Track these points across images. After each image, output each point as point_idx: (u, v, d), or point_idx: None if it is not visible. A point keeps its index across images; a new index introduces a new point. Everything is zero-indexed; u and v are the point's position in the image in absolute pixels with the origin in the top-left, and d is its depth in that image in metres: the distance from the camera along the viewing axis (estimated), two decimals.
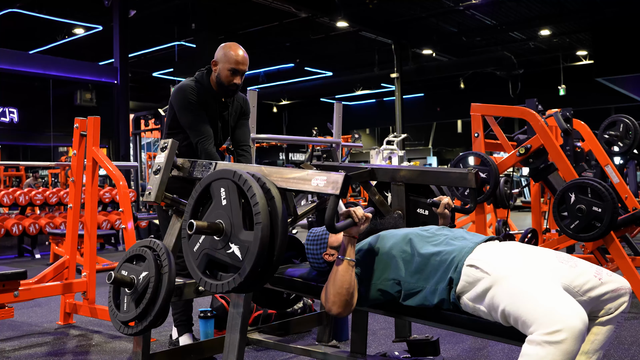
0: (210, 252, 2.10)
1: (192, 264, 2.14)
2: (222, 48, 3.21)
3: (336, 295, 2.10)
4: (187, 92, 3.18)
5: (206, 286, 2.09)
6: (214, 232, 2.06)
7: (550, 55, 20.46)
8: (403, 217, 2.68)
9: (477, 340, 3.60)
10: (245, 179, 2.05)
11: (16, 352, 3.63)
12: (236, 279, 1.99)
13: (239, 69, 3.17)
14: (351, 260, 2.12)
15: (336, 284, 2.10)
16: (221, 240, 2.06)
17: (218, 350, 2.95)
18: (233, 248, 2.02)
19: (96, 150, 4.16)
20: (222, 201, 2.10)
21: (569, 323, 1.65)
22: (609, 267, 4.68)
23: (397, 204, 2.70)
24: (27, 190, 8.55)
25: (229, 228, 2.05)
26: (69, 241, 4.28)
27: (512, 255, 1.97)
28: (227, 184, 2.10)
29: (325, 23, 16.07)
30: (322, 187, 2.09)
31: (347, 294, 2.10)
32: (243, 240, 2.00)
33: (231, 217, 2.05)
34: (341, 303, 2.10)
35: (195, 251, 2.14)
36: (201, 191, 2.19)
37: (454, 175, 2.61)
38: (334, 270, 2.12)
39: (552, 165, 4.49)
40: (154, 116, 11.10)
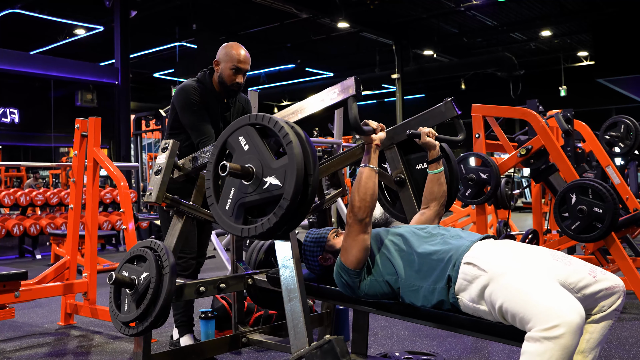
0: (244, 200, 2.08)
1: (229, 222, 2.11)
2: (223, 48, 3.22)
3: (361, 201, 2.15)
4: (190, 92, 3.18)
5: (250, 231, 2.04)
6: (244, 175, 2.04)
7: (551, 56, 20.45)
8: (405, 179, 2.66)
9: (477, 341, 3.60)
10: (262, 115, 2.07)
11: (17, 352, 3.63)
12: (282, 204, 1.96)
13: (241, 68, 3.18)
14: (374, 168, 2.21)
15: (360, 190, 2.16)
16: (253, 183, 2.05)
17: (219, 351, 2.95)
18: (269, 180, 2.01)
19: (97, 150, 4.16)
20: (244, 148, 2.10)
21: (566, 318, 1.67)
22: (610, 268, 4.67)
23: (394, 167, 2.69)
24: (28, 190, 8.56)
25: (259, 168, 2.04)
26: (69, 242, 4.28)
27: (509, 253, 1.98)
28: (245, 131, 2.11)
29: (326, 24, 16.07)
30: (338, 97, 2.20)
31: (371, 200, 2.16)
32: (277, 168, 2.00)
33: (259, 157, 2.05)
34: (365, 208, 2.14)
35: (229, 208, 2.11)
36: (219, 151, 2.18)
37: (435, 110, 2.63)
38: (358, 178, 2.20)
39: (553, 166, 4.49)
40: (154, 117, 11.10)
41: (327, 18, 15.49)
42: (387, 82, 21.31)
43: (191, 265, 3.31)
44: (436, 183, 2.52)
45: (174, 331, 3.47)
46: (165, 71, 20.24)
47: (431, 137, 2.54)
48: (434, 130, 2.58)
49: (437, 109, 2.62)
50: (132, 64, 14.41)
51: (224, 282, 2.66)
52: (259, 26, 16.26)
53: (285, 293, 2.21)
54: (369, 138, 2.25)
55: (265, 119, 2.07)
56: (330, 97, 2.22)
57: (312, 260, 2.40)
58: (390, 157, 2.70)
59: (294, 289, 2.19)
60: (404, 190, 2.67)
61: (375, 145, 2.25)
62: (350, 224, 2.17)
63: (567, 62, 20.86)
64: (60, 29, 15.72)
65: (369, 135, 2.25)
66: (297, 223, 2.12)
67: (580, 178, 4.19)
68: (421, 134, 2.54)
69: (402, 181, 2.66)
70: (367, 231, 2.17)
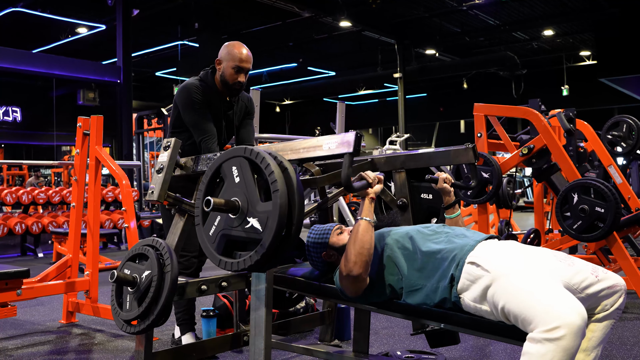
0: (228, 232, 2.08)
1: (210, 248, 2.13)
2: (225, 47, 3.22)
3: (357, 256, 2.10)
4: (192, 90, 3.18)
5: (227, 266, 2.07)
6: (230, 210, 2.05)
7: (554, 55, 20.44)
8: (408, 204, 2.66)
9: (479, 340, 3.60)
10: (257, 152, 2.06)
11: (19, 350, 3.64)
12: (258, 251, 1.98)
13: (243, 67, 3.18)
14: (370, 221, 2.16)
15: (357, 244, 2.11)
16: (238, 218, 2.05)
17: (220, 349, 2.95)
18: (251, 222, 2.01)
19: (99, 149, 4.17)
20: (235, 179, 2.10)
21: (567, 319, 1.67)
22: (612, 267, 4.67)
23: (400, 192, 2.69)
24: (30, 189, 8.57)
25: (245, 204, 2.04)
26: (71, 240, 4.29)
27: (512, 253, 1.99)
28: (238, 162, 2.10)
29: (328, 23, 16.07)
30: (335, 149, 2.14)
31: (367, 254, 2.11)
32: (261, 212, 2.00)
33: (246, 193, 2.05)
34: (362, 263, 2.11)
35: (212, 234, 2.13)
36: (212, 174, 2.19)
37: (453, 152, 2.60)
38: (354, 231, 2.14)
39: (555, 166, 4.49)
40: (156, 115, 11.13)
41: (329, 17, 15.49)
42: (389, 81, 21.30)
43: (193, 264, 3.31)
44: (455, 225, 2.55)
45: (176, 329, 3.47)
46: (167, 70, 20.25)
47: (447, 183, 2.57)
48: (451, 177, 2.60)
49: (458, 151, 2.60)
50: (134, 63, 14.43)
51: (225, 280, 2.66)
52: (261, 25, 16.26)
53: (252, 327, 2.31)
54: (364, 192, 2.21)
55: (258, 158, 2.04)
56: (328, 146, 2.18)
57: (316, 257, 2.39)
58: (398, 181, 2.71)
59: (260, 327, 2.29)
60: (405, 214, 2.68)
61: (371, 199, 2.21)
62: (345, 276, 2.14)
63: (570, 62, 20.84)
64: (63, 28, 15.73)
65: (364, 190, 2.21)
66: (275, 264, 2.17)
67: (582, 177, 4.18)
68: (439, 180, 2.57)
69: (404, 206, 2.67)
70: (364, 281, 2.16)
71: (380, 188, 2.24)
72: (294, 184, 2.02)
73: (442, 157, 2.62)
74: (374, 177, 2.22)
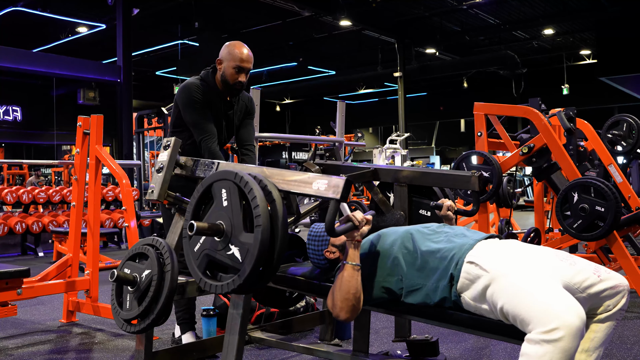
0: (211, 253, 2.10)
1: (193, 264, 2.14)
2: (226, 46, 3.22)
3: (343, 302, 2.07)
4: (192, 90, 3.18)
5: (206, 287, 2.09)
6: (214, 234, 2.06)
7: (554, 54, 20.44)
8: (405, 217, 2.68)
9: (479, 340, 3.60)
10: (246, 181, 2.04)
11: (19, 349, 3.64)
12: (236, 281, 1.99)
13: (243, 67, 3.17)
14: (356, 265, 2.09)
15: (342, 289, 2.08)
16: (222, 242, 2.06)
17: (220, 348, 2.94)
18: (233, 250, 2.02)
19: (99, 148, 4.17)
20: (223, 202, 2.10)
21: (565, 321, 1.66)
22: (612, 266, 4.67)
23: (399, 205, 2.71)
24: (30, 188, 8.57)
25: (229, 229, 2.05)
26: (72, 239, 4.29)
27: (512, 253, 1.98)
28: (228, 185, 2.10)
29: (328, 22, 16.07)
30: (323, 191, 2.07)
31: (354, 299, 2.07)
32: (243, 242, 2.00)
33: (232, 219, 2.05)
34: (349, 308, 2.08)
35: (196, 251, 2.14)
36: (203, 191, 2.20)
37: (457, 177, 2.62)
38: (340, 277, 2.10)
39: (555, 165, 4.49)
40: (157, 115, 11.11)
41: (330, 16, 15.49)
42: (389, 81, 21.30)
43: None
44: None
45: (176, 328, 3.47)
46: (167, 69, 20.26)
47: (451, 210, 2.59)
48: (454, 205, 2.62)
49: (462, 177, 2.62)
50: (134, 62, 14.41)
51: None
52: (261, 24, 16.26)
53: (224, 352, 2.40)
54: (350, 234, 2.08)
55: (247, 187, 2.02)
56: (317, 187, 2.10)
57: (317, 254, 2.38)
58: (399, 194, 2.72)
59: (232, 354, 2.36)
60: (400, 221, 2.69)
61: (357, 241, 2.10)
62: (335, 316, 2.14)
63: (570, 61, 20.83)
64: (63, 27, 15.73)
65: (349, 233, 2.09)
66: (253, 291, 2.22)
67: (583, 177, 4.18)
68: (442, 207, 2.59)
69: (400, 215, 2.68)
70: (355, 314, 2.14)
71: (367, 230, 2.11)
72: (279, 217, 2.01)
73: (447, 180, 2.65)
74: (362, 219, 2.09)
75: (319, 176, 2.12)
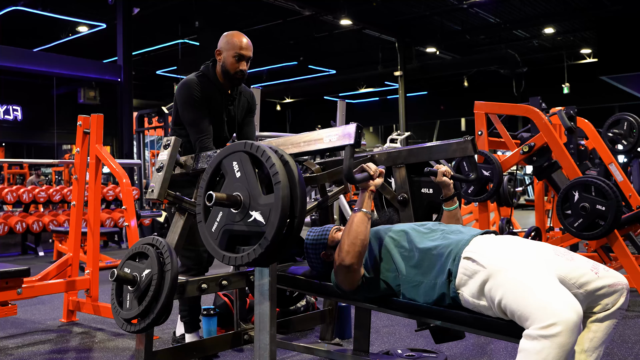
0: (230, 227, 2.08)
1: (213, 245, 2.12)
2: (224, 36, 3.17)
3: (350, 246, 2.11)
4: (191, 87, 3.14)
5: (230, 261, 2.07)
6: (232, 204, 2.05)
7: (554, 53, 20.41)
8: (408, 199, 2.66)
9: (479, 338, 3.60)
10: (257, 146, 2.06)
11: (19, 349, 3.64)
12: (262, 243, 1.97)
13: (244, 55, 3.13)
14: (367, 213, 2.15)
15: (351, 234, 2.12)
16: (240, 212, 2.05)
17: (221, 347, 2.95)
18: (254, 215, 2.01)
19: (99, 147, 4.16)
20: (236, 174, 2.09)
21: (563, 316, 1.66)
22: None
23: (400, 187, 2.69)
24: (30, 188, 8.57)
25: (246, 199, 2.04)
26: (72, 239, 4.29)
27: (508, 247, 1.98)
28: (239, 157, 2.10)
29: (329, 21, 16.07)
30: (336, 141, 2.15)
31: (361, 245, 2.12)
32: (263, 205, 1.99)
33: (248, 187, 2.05)
34: (355, 253, 2.12)
35: (214, 231, 2.12)
36: (212, 171, 2.19)
37: (451, 146, 2.60)
38: (350, 221, 2.15)
39: (555, 164, 4.49)
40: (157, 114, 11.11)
41: (330, 15, 15.49)
42: (389, 80, 21.29)
43: (204, 259, 3.27)
44: (453, 218, 2.55)
45: (178, 326, 3.46)
46: (167, 68, 20.25)
47: (447, 176, 2.55)
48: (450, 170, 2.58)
49: (456, 145, 2.60)
50: (134, 62, 14.42)
51: (226, 279, 2.66)
52: (262, 23, 16.25)
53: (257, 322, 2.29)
54: (365, 184, 2.20)
55: (259, 151, 2.05)
56: (329, 139, 2.18)
57: (314, 257, 2.40)
58: (398, 176, 2.70)
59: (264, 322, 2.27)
60: (406, 210, 2.67)
61: (370, 191, 2.20)
62: (338, 266, 2.16)
63: (570, 60, 20.81)
64: (63, 27, 15.74)
65: (365, 182, 2.20)
66: (278, 258, 2.15)
67: (583, 175, 4.18)
68: (438, 173, 2.55)
69: (405, 201, 2.66)
70: (357, 273, 2.16)
71: (381, 181, 2.23)
72: (296, 176, 2.01)
73: (442, 150, 2.62)
74: (375, 170, 2.21)
75: (328, 130, 2.19)
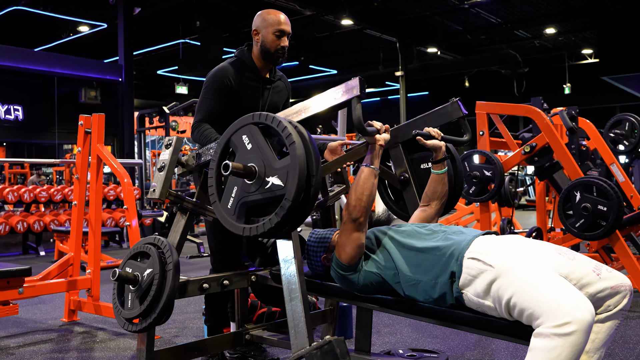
0: (247, 198, 2.08)
1: (231, 221, 2.11)
2: (260, 15, 3.04)
3: (357, 200, 2.14)
4: (219, 77, 2.96)
5: (252, 231, 2.05)
6: (247, 175, 2.05)
7: (556, 53, 20.41)
8: (409, 178, 2.65)
9: (481, 338, 3.59)
10: (265, 115, 2.07)
11: (20, 348, 3.64)
12: (284, 204, 1.96)
13: (284, 30, 3.01)
14: (375, 169, 2.20)
15: (357, 189, 2.15)
16: (255, 183, 2.05)
17: (222, 347, 2.95)
18: (271, 180, 2.01)
19: (101, 147, 4.16)
20: (247, 147, 2.10)
21: (577, 315, 1.64)
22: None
23: (399, 166, 2.68)
24: (31, 187, 8.57)
25: (261, 168, 2.05)
26: (73, 238, 4.29)
27: (513, 247, 1.96)
28: (248, 130, 2.11)
29: (330, 21, 16.06)
30: (342, 97, 2.18)
31: (367, 200, 2.15)
32: (280, 168, 2.00)
33: (261, 157, 2.05)
34: (361, 208, 2.14)
35: (230, 207, 2.12)
36: (222, 150, 2.18)
37: (440, 112, 2.62)
38: (358, 177, 2.18)
39: (557, 164, 4.48)
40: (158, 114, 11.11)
41: (331, 15, 15.48)
42: (390, 80, 21.29)
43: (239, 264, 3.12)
44: (440, 183, 2.51)
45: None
46: (168, 68, 20.25)
47: (437, 137, 2.52)
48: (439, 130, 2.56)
49: (444, 109, 2.61)
50: (135, 61, 14.43)
51: (227, 278, 2.66)
52: None
53: (287, 292, 2.20)
54: (372, 138, 2.23)
55: (268, 119, 2.06)
56: (334, 97, 2.21)
57: (315, 260, 2.40)
58: (395, 155, 2.70)
59: (295, 289, 2.18)
60: (408, 189, 2.66)
61: (379, 146, 2.23)
62: (345, 221, 2.17)
63: (572, 60, 20.80)
64: (64, 26, 15.74)
65: (372, 136, 2.23)
66: (299, 223, 2.12)
67: (585, 176, 4.18)
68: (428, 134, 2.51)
69: (406, 180, 2.66)
70: (362, 230, 2.16)
71: (388, 137, 2.27)
72: (307, 138, 2.03)
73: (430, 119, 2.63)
74: (382, 125, 2.27)
75: (332, 90, 2.22)
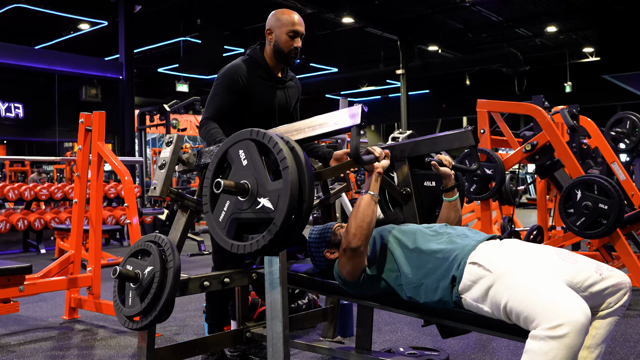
0: (238, 215, 2.08)
1: (220, 234, 2.11)
2: (274, 14, 3.03)
3: (357, 228, 2.13)
4: (231, 75, 2.94)
5: (240, 249, 2.06)
6: (240, 192, 2.05)
7: (557, 52, 20.38)
8: (411, 193, 2.65)
9: (481, 337, 3.60)
10: (263, 133, 2.06)
11: (21, 346, 3.64)
12: (271, 229, 1.97)
13: (298, 31, 2.97)
14: (374, 195, 2.18)
15: (358, 217, 2.14)
16: (247, 200, 2.05)
17: (223, 345, 2.95)
18: (262, 201, 2.01)
19: (101, 145, 4.16)
20: (243, 162, 2.10)
21: (571, 317, 1.65)
22: (615, 264, 4.66)
23: (403, 181, 2.68)
24: (32, 185, 8.58)
25: (254, 186, 2.04)
26: (74, 236, 4.29)
27: (514, 252, 1.97)
28: (245, 145, 2.11)
29: (330, 19, 16.04)
30: (342, 123, 2.17)
31: (367, 228, 2.13)
32: (272, 190, 2.00)
33: (255, 175, 2.05)
34: (361, 236, 2.12)
35: (222, 220, 2.12)
36: (218, 161, 2.18)
37: (451, 137, 2.60)
38: (357, 204, 2.16)
39: (558, 162, 4.48)
40: (159, 112, 11.12)
41: (332, 13, 15.45)
42: (391, 78, 21.26)
43: None
44: (452, 209, 2.53)
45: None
46: (169, 66, 20.23)
47: (448, 166, 2.53)
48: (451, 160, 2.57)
49: (456, 135, 2.59)
50: (136, 59, 14.41)
51: (228, 276, 2.66)
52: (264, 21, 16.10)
53: (268, 311, 2.23)
54: (371, 166, 2.22)
55: (265, 138, 2.05)
56: (335, 122, 2.20)
57: (317, 255, 2.40)
58: (400, 170, 2.70)
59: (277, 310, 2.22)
60: (409, 204, 2.66)
61: (377, 173, 2.22)
62: (345, 248, 2.16)
63: (573, 58, 20.78)
64: (65, 24, 15.72)
65: (370, 164, 2.22)
66: (287, 245, 2.14)
67: (586, 174, 4.17)
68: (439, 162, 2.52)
69: (408, 195, 2.65)
70: (363, 257, 2.16)
71: (387, 164, 2.26)
72: (303, 161, 2.02)
73: (443, 141, 2.61)
74: (381, 152, 2.25)
75: (333, 113, 2.21)
